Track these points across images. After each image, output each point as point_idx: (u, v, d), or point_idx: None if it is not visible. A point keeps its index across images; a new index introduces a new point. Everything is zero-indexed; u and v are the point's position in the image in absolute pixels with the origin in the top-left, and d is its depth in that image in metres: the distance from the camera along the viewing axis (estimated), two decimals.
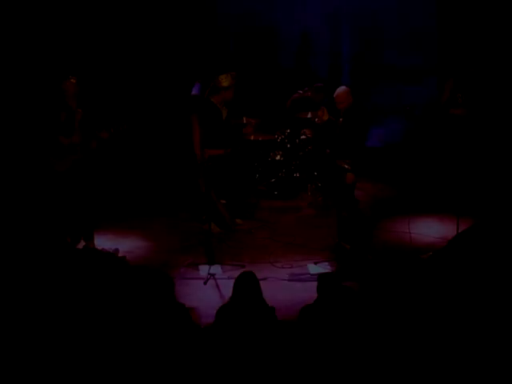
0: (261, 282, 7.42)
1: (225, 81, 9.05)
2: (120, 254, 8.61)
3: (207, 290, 7.85)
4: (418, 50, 12.50)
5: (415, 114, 9.80)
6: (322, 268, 8.20)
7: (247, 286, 5.95)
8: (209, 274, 8.07)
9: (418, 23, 12.40)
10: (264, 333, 5.78)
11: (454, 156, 9.49)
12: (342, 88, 8.44)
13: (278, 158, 10.42)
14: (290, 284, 7.95)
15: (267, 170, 10.41)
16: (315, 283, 6.19)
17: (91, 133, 8.39)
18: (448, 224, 9.17)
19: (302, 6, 12.55)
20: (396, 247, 8.73)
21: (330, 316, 5.66)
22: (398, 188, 10.40)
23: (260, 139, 10.63)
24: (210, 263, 8.22)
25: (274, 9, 12.58)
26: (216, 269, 8.19)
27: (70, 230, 8.77)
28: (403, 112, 9.50)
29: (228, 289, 7.29)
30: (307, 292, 7.34)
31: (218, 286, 7.90)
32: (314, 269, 8.21)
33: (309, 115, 10.26)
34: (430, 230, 9.12)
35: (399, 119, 12.09)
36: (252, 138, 10.55)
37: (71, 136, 8.42)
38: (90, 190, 8.51)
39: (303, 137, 10.33)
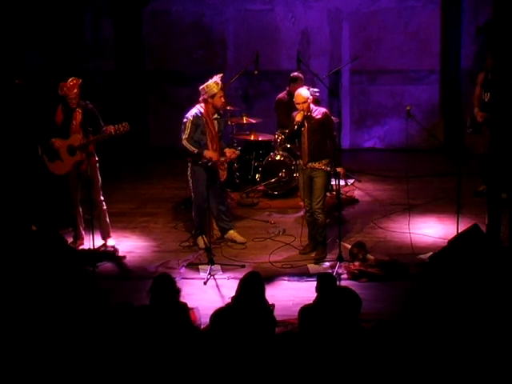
0: None
1: (209, 89, 8.56)
2: (120, 254, 8.61)
3: (207, 290, 7.84)
4: (419, 50, 12.49)
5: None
6: (322, 268, 8.20)
7: (253, 287, 5.95)
8: (209, 273, 8.06)
9: (419, 23, 12.39)
10: (264, 334, 5.79)
11: None
12: (302, 89, 8.45)
13: (278, 158, 10.42)
14: (290, 284, 7.94)
15: (267, 170, 10.40)
16: (315, 283, 6.19)
17: (89, 135, 8.34)
18: (448, 224, 9.17)
19: (303, 6, 12.55)
20: (396, 247, 8.72)
21: (329, 316, 5.65)
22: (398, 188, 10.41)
23: (260, 139, 10.64)
24: (210, 263, 8.21)
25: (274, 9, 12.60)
26: (216, 269, 8.18)
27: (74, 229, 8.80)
28: (403, 112, 9.47)
29: (228, 289, 7.32)
30: (307, 292, 7.33)
31: (217, 286, 7.89)
32: (314, 268, 8.21)
33: None
34: (430, 230, 9.11)
35: (399, 119, 12.08)
36: (252, 137, 10.55)
37: (68, 137, 8.36)
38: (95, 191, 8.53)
39: None
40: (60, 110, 8.42)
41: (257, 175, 10.54)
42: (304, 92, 8.36)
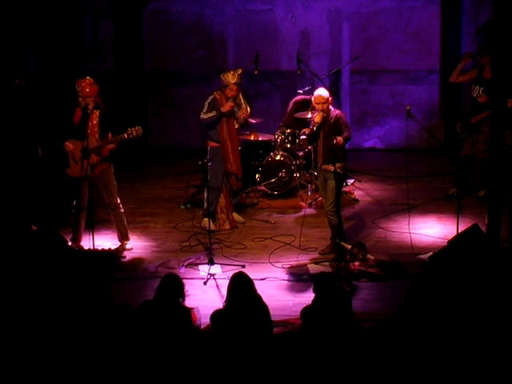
0: (261, 282, 7.45)
1: (224, 78, 9.04)
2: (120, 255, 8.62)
3: (207, 289, 7.84)
4: (419, 50, 12.49)
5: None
6: (323, 268, 8.19)
7: (241, 288, 5.97)
8: (209, 273, 8.06)
9: (419, 23, 12.39)
10: (261, 334, 5.80)
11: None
12: (322, 89, 8.43)
13: (278, 158, 10.42)
14: (290, 284, 7.94)
15: (267, 170, 10.40)
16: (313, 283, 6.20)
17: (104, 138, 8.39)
18: (448, 224, 9.17)
19: (303, 6, 12.55)
20: (396, 247, 8.72)
21: (330, 315, 5.66)
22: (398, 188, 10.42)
23: (260, 139, 10.64)
24: (210, 263, 8.21)
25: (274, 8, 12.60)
26: (216, 269, 8.18)
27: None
28: (403, 112, 9.48)
29: None
30: (307, 292, 7.33)
31: (217, 286, 7.89)
32: (314, 268, 8.20)
33: (309, 115, 10.25)
34: (430, 230, 9.11)
35: (399, 119, 12.09)
36: (252, 137, 10.56)
37: (83, 139, 8.33)
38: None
39: (303, 137, 10.33)
40: (79, 110, 8.42)
41: (257, 175, 10.54)
42: (324, 92, 8.31)
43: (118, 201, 8.71)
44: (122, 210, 8.78)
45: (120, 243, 8.78)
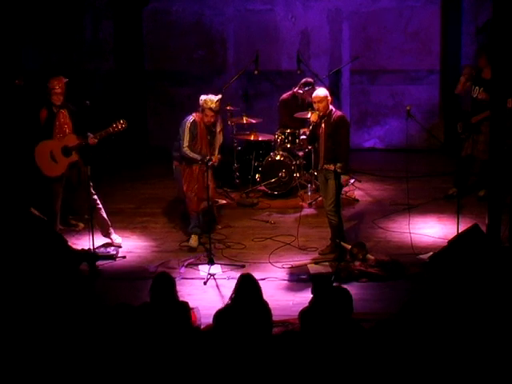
0: (261, 282, 7.44)
1: (203, 102, 8.71)
2: (120, 254, 8.62)
3: (207, 289, 7.85)
4: (419, 50, 12.48)
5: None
6: (323, 268, 8.19)
7: (249, 289, 5.97)
8: (209, 273, 8.07)
9: (419, 23, 12.39)
10: (263, 335, 5.80)
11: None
12: (321, 89, 8.45)
13: (278, 158, 10.42)
14: (290, 284, 7.94)
15: (267, 170, 10.40)
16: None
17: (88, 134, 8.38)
18: (448, 224, 9.17)
19: (303, 6, 12.55)
20: (396, 247, 8.72)
21: (327, 315, 5.66)
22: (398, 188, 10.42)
23: (260, 139, 10.64)
24: (210, 263, 8.21)
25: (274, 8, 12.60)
26: (216, 269, 8.19)
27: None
28: (403, 112, 9.48)
29: (228, 289, 7.31)
30: (307, 292, 7.32)
31: (217, 286, 7.90)
32: (314, 268, 8.20)
33: (308, 115, 10.25)
34: (430, 230, 9.11)
35: (399, 119, 12.08)
36: (252, 137, 10.56)
37: (51, 138, 8.35)
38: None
39: (303, 137, 10.33)
40: (44, 110, 8.42)
41: (257, 175, 10.54)
42: (321, 92, 8.32)
43: (95, 196, 8.67)
44: (100, 206, 8.73)
45: (109, 239, 8.76)
